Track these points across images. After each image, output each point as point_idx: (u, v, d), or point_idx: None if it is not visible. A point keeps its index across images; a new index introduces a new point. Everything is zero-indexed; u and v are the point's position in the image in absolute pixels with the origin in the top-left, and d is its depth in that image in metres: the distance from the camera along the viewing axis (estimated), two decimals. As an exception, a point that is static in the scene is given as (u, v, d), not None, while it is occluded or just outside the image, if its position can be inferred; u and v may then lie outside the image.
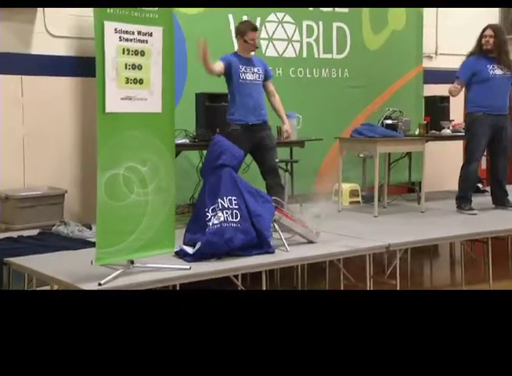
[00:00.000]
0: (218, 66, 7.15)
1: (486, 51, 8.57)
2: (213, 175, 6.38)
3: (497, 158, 8.87)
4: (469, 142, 8.75)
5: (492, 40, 8.52)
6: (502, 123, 8.72)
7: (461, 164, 8.88)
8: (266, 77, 7.63)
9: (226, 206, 6.21)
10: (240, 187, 6.40)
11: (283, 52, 8.88)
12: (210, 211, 6.18)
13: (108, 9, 5.21)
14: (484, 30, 8.67)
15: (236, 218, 6.21)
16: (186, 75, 7.66)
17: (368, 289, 6.73)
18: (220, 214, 6.16)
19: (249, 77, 7.40)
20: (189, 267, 5.84)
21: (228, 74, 7.29)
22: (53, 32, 7.63)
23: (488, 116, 8.53)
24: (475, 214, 8.61)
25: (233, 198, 6.28)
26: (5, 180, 7.27)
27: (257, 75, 7.45)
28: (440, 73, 9.62)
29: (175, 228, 6.03)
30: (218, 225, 6.14)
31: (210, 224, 6.13)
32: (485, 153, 9.39)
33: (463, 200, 8.80)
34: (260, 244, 6.31)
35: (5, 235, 6.85)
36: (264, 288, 6.27)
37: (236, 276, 6.28)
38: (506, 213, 8.72)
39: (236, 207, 6.23)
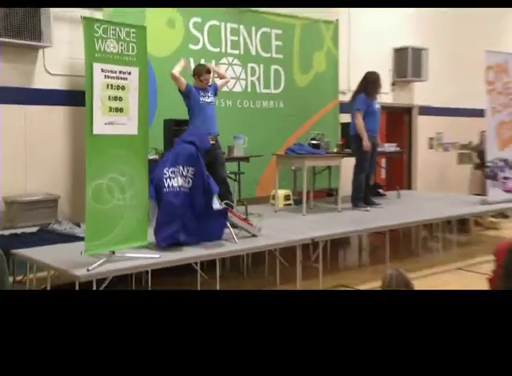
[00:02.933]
0: (182, 78, 7.26)
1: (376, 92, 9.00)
2: (181, 146, 6.25)
3: (370, 170, 9.16)
4: (360, 157, 8.89)
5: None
6: (377, 142, 9.09)
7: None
8: (216, 93, 7.70)
9: (184, 174, 6.13)
10: (201, 163, 6.32)
11: (232, 87, 8.82)
12: (169, 171, 6.08)
13: (96, 53, 5.16)
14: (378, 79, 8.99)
15: (188, 184, 6.15)
16: (156, 105, 7.57)
17: (297, 272, 6.75)
18: (179, 178, 6.09)
19: (206, 100, 7.42)
20: (158, 256, 5.78)
21: (187, 96, 7.33)
22: (51, 71, 7.54)
23: (370, 137, 8.70)
24: (368, 210, 8.75)
25: (191, 169, 6.20)
26: (10, 188, 7.17)
27: (211, 98, 7.49)
28: (348, 105, 9.64)
29: (148, 226, 5.98)
30: (177, 189, 6.10)
31: (167, 185, 6.06)
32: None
33: (358, 200, 8.98)
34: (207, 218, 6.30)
35: (10, 232, 6.75)
36: (218, 273, 6.26)
37: (195, 264, 6.27)
38: (397, 211, 8.82)
39: (192, 177, 6.15)
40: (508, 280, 2.74)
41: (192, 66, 7.87)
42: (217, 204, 6.48)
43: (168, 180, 6.10)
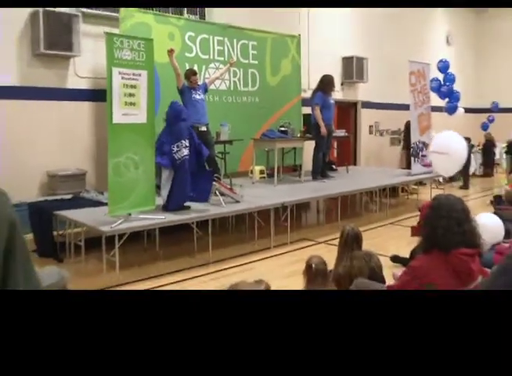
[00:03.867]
0: (181, 76, 7.17)
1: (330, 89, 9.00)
2: (178, 124, 6.00)
3: (326, 150, 9.18)
4: (318, 141, 8.87)
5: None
6: (332, 129, 9.09)
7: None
8: (206, 90, 7.59)
9: (186, 145, 5.95)
10: (192, 133, 6.17)
11: (219, 86, 8.69)
12: (175, 147, 5.91)
13: (115, 60, 5.04)
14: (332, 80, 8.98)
15: (189, 152, 5.98)
16: (160, 100, 7.41)
17: (271, 232, 6.71)
18: (184, 150, 5.93)
19: (196, 97, 7.28)
20: (164, 217, 5.71)
21: (182, 93, 7.22)
22: (80, 74, 7.36)
23: (326, 125, 8.69)
24: (324, 182, 8.72)
25: (188, 140, 6.01)
26: (51, 164, 7.07)
27: (201, 96, 7.34)
28: (309, 100, 9.55)
29: (155, 195, 5.91)
30: (185, 159, 5.94)
31: (177, 157, 5.90)
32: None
33: (316, 174, 8.97)
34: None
35: (52, 198, 6.68)
36: (209, 230, 6.21)
37: (192, 223, 6.21)
38: (346, 181, 8.79)
39: (189, 146, 5.98)
40: (426, 228, 2.78)
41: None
42: (206, 166, 6.43)
43: (177, 154, 5.93)
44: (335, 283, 3.19)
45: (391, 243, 6.65)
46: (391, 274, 4.54)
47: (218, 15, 8.92)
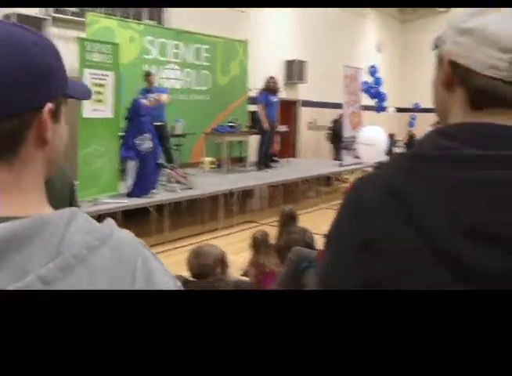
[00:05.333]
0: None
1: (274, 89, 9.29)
2: (137, 119, 6.13)
3: (269, 144, 9.48)
4: (263, 135, 9.22)
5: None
6: (275, 125, 9.46)
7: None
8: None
9: (150, 138, 6.13)
10: (152, 130, 6.32)
11: (174, 85, 8.93)
12: (138, 140, 6.01)
13: (86, 62, 5.28)
14: (275, 81, 9.32)
15: (152, 144, 6.18)
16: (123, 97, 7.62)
17: (220, 213, 7.07)
18: (147, 142, 6.09)
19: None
20: (126, 201, 5.99)
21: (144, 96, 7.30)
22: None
23: (269, 122, 9.07)
24: (267, 171, 9.08)
25: (150, 134, 6.20)
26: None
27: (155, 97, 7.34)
28: (254, 98, 9.92)
29: (118, 181, 6.15)
30: (148, 151, 6.12)
31: (141, 149, 6.02)
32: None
33: (260, 164, 9.28)
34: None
35: None
36: (166, 213, 6.50)
37: (150, 207, 6.47)
38: (286, 171, 9.22)
39: (151, 139, 6.17)
40: None
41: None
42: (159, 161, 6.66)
43: (141, 146, 6.08)
44: (277, 253, 3.63)
45: (325, 224, 7.07)
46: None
47: (174, 20, 9.16)
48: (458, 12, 0.81)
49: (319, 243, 3.88)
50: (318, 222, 7.41)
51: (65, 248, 0.57)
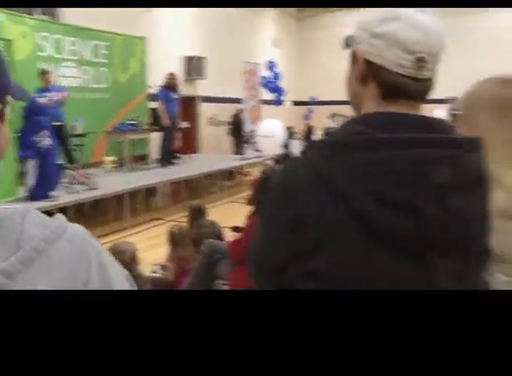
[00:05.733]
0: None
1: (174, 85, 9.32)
2: (35, 117, 6.01)
3: (171, 140, 9.44)
4: (164, 132, 9.25)
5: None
6: (176, 121, 9.45)
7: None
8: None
9: (47, 135, 6.00)
10: (50, 128, 6.21)
11: (71, 83, 8.70)
12: (37, 137, 5.90)
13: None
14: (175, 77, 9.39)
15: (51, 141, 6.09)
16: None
17: (125, 211, 7.08)
18: (46, 139, 5.97)
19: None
20: (28, 206, 5.83)
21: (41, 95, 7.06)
22: None
23: (170, 118, 9.10)
24: (170, 168, 9.13)
25: (48, 132, 6.07)
26: None
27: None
28: (155, 95, 9.88)
29: (17, 185, 5.98)
30: (48, 147, 6.00)
31: (40, 146, 5.90)
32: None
33: (163, 161, 9.32)
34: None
35: None
36: (71, 217, 6.38)
37: (53, 210, 6.29)
38: (189, 167, 9.36)
39: (50, 136, 6.07)
40: (258, 196, 3.17)
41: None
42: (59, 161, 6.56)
43: (40, 143, 5.94)
44: (192, 245, 3.78)
45: (231, 217, 7.35)
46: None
47: (70, 16, 8.92)
48: (369, 17, 0.94)
49: (227, 235, 4.11)
50: (224, 215, 7.61)
51: (24, 242, 0.59)
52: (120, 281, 0.69)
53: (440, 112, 7.74)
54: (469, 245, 0.91)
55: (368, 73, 0.94)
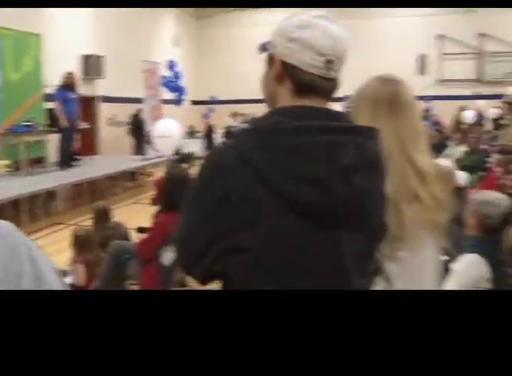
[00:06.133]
0: None
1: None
2: None
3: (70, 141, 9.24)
4: (62, 133, 8.98)
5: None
6: (75, 122, 9.23)
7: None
8: None
9: None
10: None
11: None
12: None
13: None
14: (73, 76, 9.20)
15: None
16: None
17: (23, 216, 6.84)
18: None
19: None
20: None
21: None
22: None
23: (69, 119, 8.88)
24: (69, 170, 8.89)
25: None
26: None
27: None
28: (52, 95, 9.46)
29: None
30: None
31: None
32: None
33: (62, 163, 9.07)
34: None
35: None
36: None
37: None
38: (90, 169, 9.19)
39: None
40: (166, 194, 3.17)
41: None
42: None
43: None
44: (98, 247, 3.81)
45: (135, 218, 7.37)
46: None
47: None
48: (285, 24, 1.08)
49: (133, 236, 4.17)
50: (128, 216, 7.62)
51: None
52: (51, 274, 0.74)
53: (338, 108, 8.25)
54: (371, 222, 1.07)
55: (284, 73, 1.08)
